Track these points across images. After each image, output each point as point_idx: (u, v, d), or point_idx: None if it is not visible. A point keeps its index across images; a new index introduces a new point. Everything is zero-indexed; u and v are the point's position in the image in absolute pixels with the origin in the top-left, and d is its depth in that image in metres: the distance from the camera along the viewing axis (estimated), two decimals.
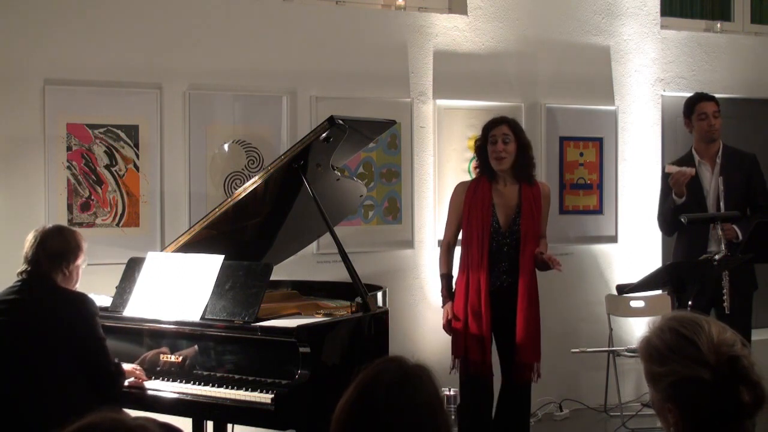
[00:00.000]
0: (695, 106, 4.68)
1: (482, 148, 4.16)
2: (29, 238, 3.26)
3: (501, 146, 4.07)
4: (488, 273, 4.01)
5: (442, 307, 4.20)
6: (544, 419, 5.29)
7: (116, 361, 3.29)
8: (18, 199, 4.22)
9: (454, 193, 4.29)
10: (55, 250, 3.23)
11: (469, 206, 4.11)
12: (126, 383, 3.32)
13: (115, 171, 4.39)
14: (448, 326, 4.13)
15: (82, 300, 3.21)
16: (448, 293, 4.17)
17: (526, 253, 4.06)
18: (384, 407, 1.56)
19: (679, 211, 4.41)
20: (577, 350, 5.17)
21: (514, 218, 4.08)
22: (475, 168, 4.32)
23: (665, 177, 4.67)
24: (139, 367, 3.38)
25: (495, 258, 4.06)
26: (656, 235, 5.54)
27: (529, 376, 4.08)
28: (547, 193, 4.24)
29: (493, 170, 4.12)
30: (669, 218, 4.59)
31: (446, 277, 4.21)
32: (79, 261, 3.31)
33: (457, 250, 4.27)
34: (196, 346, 3.37)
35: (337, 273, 3.98)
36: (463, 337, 4.04)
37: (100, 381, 3.20)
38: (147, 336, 3.50)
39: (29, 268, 3.23)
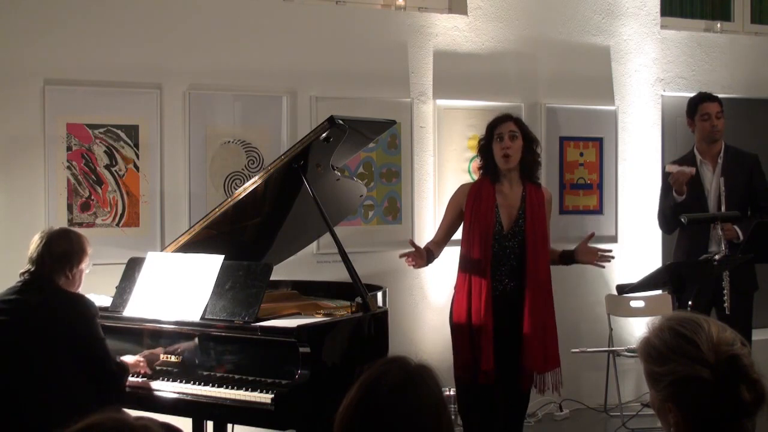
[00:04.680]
0: (698, 106, 4.68)
1: (487, 146, 3.97)
2: (35, 239, 3.26)
3: (508, 143, 3.87)
4: (491, 275, 3.82)
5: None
6: (544, 419, 5.29)
7: (118, 360, 3.29)
8: (18, 199, 4.22)
9: (456, 193, 4.08)
10: (60, 253, 3.23)
11: (472, 208, 3.91)
12: (129, 380, 3.32)
13: (115, 171, 4.39)
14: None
15: (82, 302, 3.21)
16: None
17: (537, 259, 3.86)
18: (387, 408, 1.56)
19: (679, 209, 4.41)
20: (577, 350, 5.17)
21: (517, 219, 3.89)
22: (478, 169, 4.13)
23: (666, 175, 4.67)
24: (143, 359, 3.38)
25: (497, 260, 3.86)
26: (656, 235, 5.54)
27: (529, 386, 3.88)
28: (550, 198, 4.07)
29: (497, 171, 3.93)
30: (669, 216, 4.60)
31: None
32: (83, 265, 3.30)
33: (451, 252, 4.18)
34: (196, 346, 3.37)
35: (337, 273, 3.98)
36: (466, 343, 3.83)
37: (103, 381, 3.20)
38: (147, 336, 3.50)
39: (32, 269, 3.23)
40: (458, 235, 4.17)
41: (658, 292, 4.96)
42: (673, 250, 4.91)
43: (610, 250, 4.00)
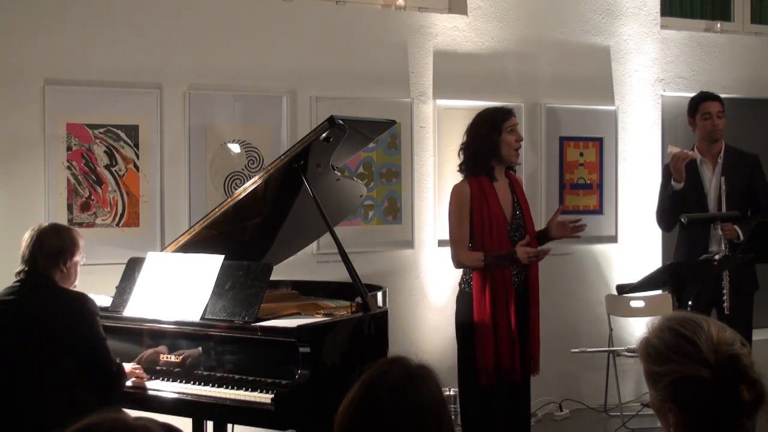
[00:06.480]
0: (699, 105, 4.68)
1: (491, 140, 3.85)
2: (26, 238, 3.26)
3: (521, 135, 3.89)
4: (511, 272, 3.80)
5: (517, 256, 3.75)
6: (544, 419, 5.29)
7: (118, 361, 3.29)
8: (18, 199, 4.22)
9: (458, 196, 3.91)
10: (51, 248, 3.21)
11: (480, 207, 3.84)
12: (128, 383, 3.32)
13: (115, 171, 4.39)
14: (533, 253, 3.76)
15: (82, 300, 3.20)
16: (506, 252, 3.80)
17: (534, 245, 3.88)
18: (387, 408, 1.56)
19: (678, 198, 4.41)
20: (577, 350, 5.18)
21: (515, 211, 3.92)
22: (461, 165, 3.96)
23: (665, 168, 4.67)
24: (139, 367, 3.38)
25: None
26: (656, 235, 5.54)
27: (535, 370, 3.94)
28: (521, 181, 4.14)
29: (491, 166, 3.88)
30: (667, 208, 4.57)
31: (489, 255, 3.80)
32: (77, 258, 3.29)
33: (449, 251, 4.11)
34: (196, 347, 3.37)
35: (337, 273, 3.98)
36: (490, 342, 3.77)
37: (102, 382, 3.19)
38: (147, 336, 3.50)
39: (27, 268, 3.22)
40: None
41: (658, 292, 4.96)
42: (673, 250, 4.91)
43: (579, 219, 4.02)
